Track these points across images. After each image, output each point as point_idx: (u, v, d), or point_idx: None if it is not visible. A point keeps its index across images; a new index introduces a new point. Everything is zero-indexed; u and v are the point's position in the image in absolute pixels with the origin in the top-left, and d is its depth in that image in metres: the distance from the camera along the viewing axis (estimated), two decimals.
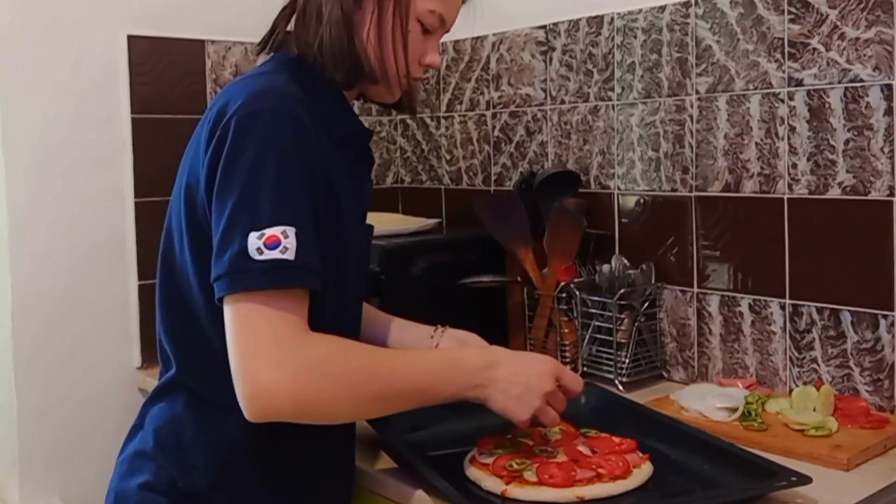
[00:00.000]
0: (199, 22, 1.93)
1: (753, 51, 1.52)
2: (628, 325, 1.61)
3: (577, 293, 1.66)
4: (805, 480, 1.06)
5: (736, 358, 1.58)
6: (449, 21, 1.18)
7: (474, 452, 1.20)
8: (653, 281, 1.66)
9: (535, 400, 1.10)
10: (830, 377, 1.45)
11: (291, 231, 0.97)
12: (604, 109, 1.78)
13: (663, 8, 1.65)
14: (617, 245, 1.76)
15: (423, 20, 1.14)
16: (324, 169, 1.06)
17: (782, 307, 1.51)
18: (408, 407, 1.08)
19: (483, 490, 1.12)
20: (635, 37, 1.71)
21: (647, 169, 1.70)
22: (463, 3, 1.20)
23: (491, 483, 1.12)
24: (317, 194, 1.03)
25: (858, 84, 1.39)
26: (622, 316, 1.61)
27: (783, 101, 1.49)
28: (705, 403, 1.40)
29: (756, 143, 1.53)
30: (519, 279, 1.78)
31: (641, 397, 1.48)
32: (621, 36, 1.73)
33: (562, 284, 1.69)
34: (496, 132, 2.02)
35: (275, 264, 0.96)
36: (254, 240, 0.96)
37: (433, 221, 1.98)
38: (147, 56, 1.86)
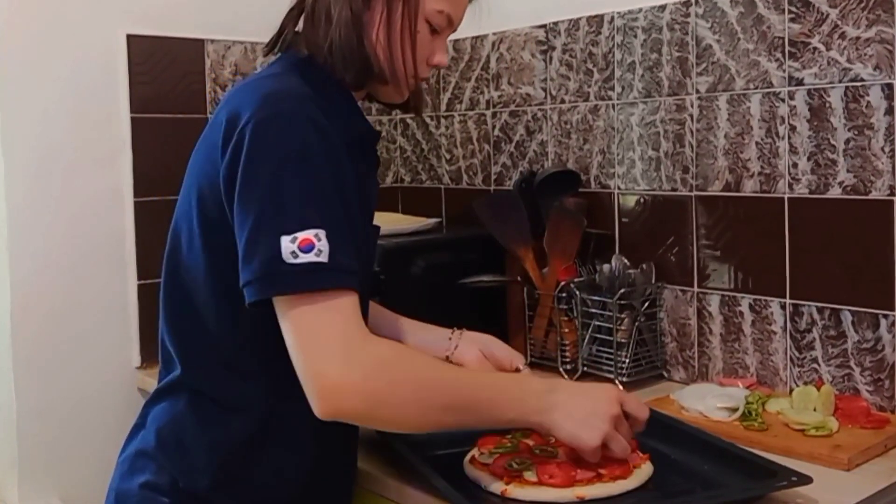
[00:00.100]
0: (199, 21, 1.93)
1: (754, 50, 1.52)
2: (628, 325, 1.61)
3: (578, 293, 1.65)
4: (805, 480, 1.06)
5: (736, 358, 1.57)
6: (456, 21, 1.18)
7: (474, 452, 1.20)
8: (653, 281, 1.66)
9: (603, 424, 1.06)
10: (831, 377, 1.45)
11: (323, 234, 0.97)
12: (604, 109, 1.77)
13: (663, 7, 1.65)
14: (617, 245, 1.76)
15: (432, 20, 1.14)
16: (342, 168, 1.05)
17: (783, 307, 1.50)
18: (470, 423, 1.06)
19: (483, 490, 1.12)
20: (635, 36, 1.70)
21: (648, 168, 1.70)
22: (469, 3, 1.20)
23: (491, 483, 1.12)
24: (342, 194, 1.03)
25: (859, 83, 1.39)
26: (622, 316, 1.61)
27: (784, 101, 1.49)
28: (705, 403, 1.40)
29: (756, 143, 1.53)
30: (519, 279, 1.77)
31: (642, 397, 1.47)
32: (621, 35, 1.73)
33: (562, 284, 1.69)
34: (496, 131, 2.02)
35: (311, 267, 0.96)
36: (287, 244, 0.96)
37: (433, 221, 1.98)
38: (146, 55, 1.86)
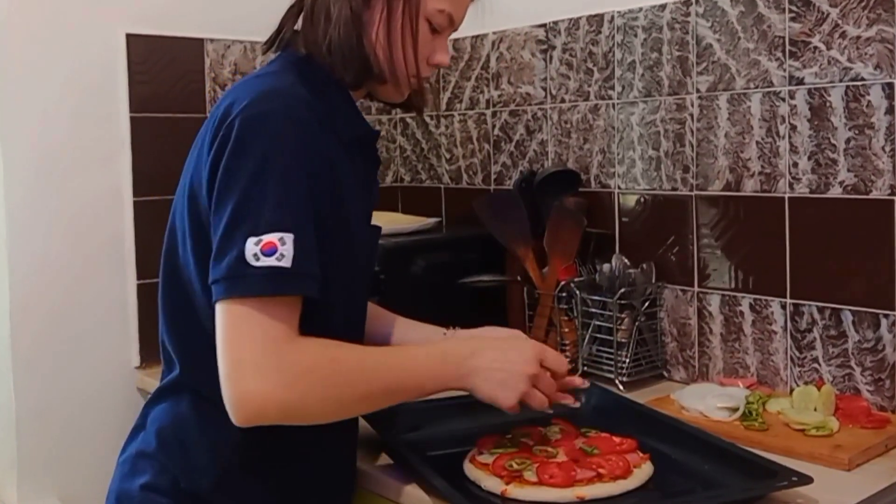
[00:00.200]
0: (198, 20, 1.93)
1: (754, 49, 1.52)
2: (629, 325, 1.61)
3: (578, 292, 1.65)
4: (806, 480, 1.06)
5: (737, 357, 1.57)
6: (458, 20, 1.17)
7: (474, 452, 1.20)
8: (653, 280, 1.66)
9: (521, 384, 1.10)
10: (831, 377, 1.44)
11: (289, 238, 0.97)
12: (604, 108, 1.77)
13: (664, 6, 1.65)
14: (617, 244, 1.75)
15: (433, 19, 1.13)
16: (331, 171, 1.05)
17: (783, 306, 1.50)
18: (395, 402, 1.09)
19: (483, 490, 1.12)
20: (636, 35, 1.70)
21: (648, 168, 1.70)
22: (471, 2, 1.19)
23: (491, 483, 1.12)
24: (321, 198, 1.02)
25: (859, 83, 1.39)
26: (622, 315, 1.61)
27: (784, 100, 1.48)
28: (706, 403, 1.40)
29: (757, 142, 1.52)
30: (519, 278, 1.77)
31: (642, 397, 1.47)
32: (622, 34, 1.73)
33: (562, 284, 1.68)
34: (496, 131, 2.02)
35: (271, 271, 0.96)
36: (251, 245, 0.96)
37: (433, 220, 1.98)
38: (146, 55, 1.85)
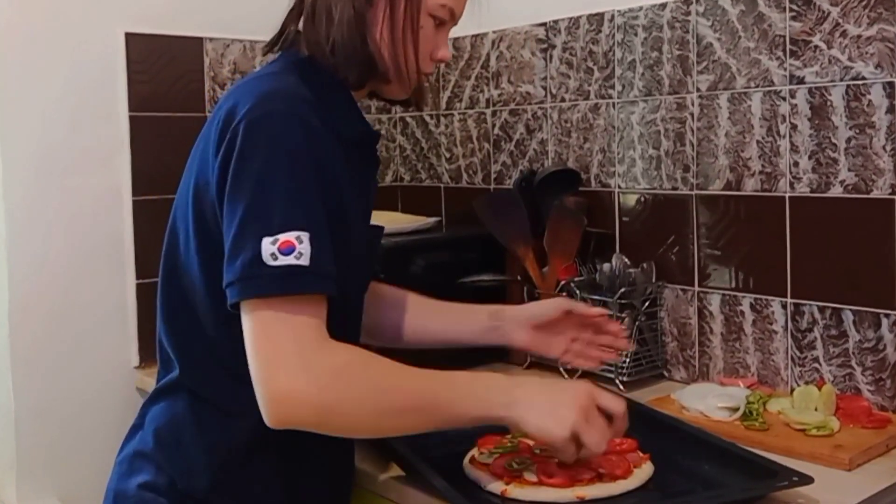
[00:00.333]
0: (198, 19, 1.92)
1: (755, 48, 1.51)
2: (629, 325, 1.61)
3: (578, 292, 1.65)
4: (807, 480, 1.06)
5: (737, 357, 1.57)
6: (458, 13, 1.17)
7: (474, 452, 1.20)
8: (653, 280, 1.65)
9: (571, 413, 1.02)
10: (832, 376, 1.44)
11: (305, 236, 0.96)
12: (604, 107, 1.77)
13: (664, 5, 1.65)
14: (617, 244, 1.75)
15: (436, 14, 1.13)
16: (332, 171, 1.05)
17: (784, 306, 1.50)
18: (430, 426, 1.03)
19: (483, 490, 1.11)
20: (636, 34, 1.70)
21: (648, 167, 1.70)
22: None
23: (491, 483, 1.11)
24: (327, 197, 1.02)
25: (860, 82, 1.39)
26: (623, 315, 1.61)
27: (785, 99, 1.48)
28: (706, 403, 1.40)
29: (757, 142, 1.52)
30: (519, 278, 1.77)
31: (642, 397, 1.47)
32: (622, 33, 1.73)
33: (562, 283, 1.68)
34: (496, 130, 2.01)
35: (290, 270, 0.95)
36: (267, 245, 0.95)
37: (433, 220, 1.97)
38: (145, 54, 1.85)
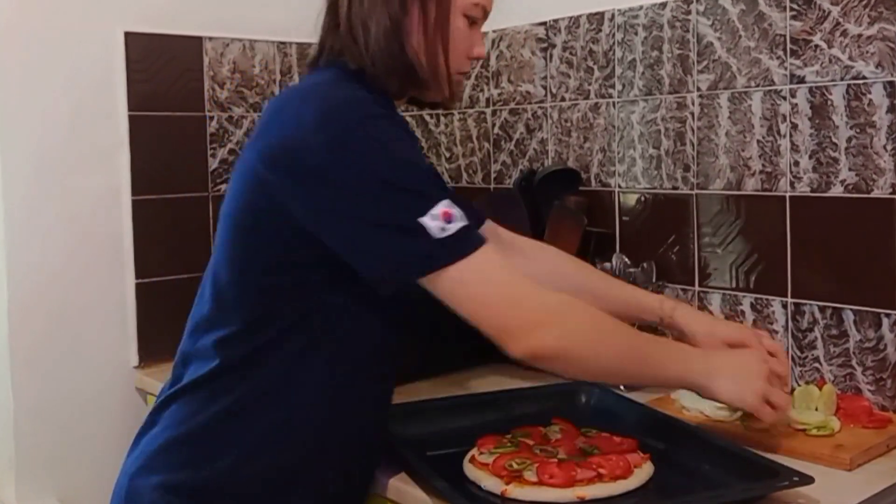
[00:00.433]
0: (197, 18, 1.92)
1: (755, 48, 1.51)
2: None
3: None
4: (807, 480, 1.05)
5: None
6: (489, 9, 1.18)
7: (474, 452, 1.20)
8: (654, 279, 1.65)
9: (759, 380, 1.13)
10: (833, 376, 1.44)
11: (448, 202, 1.00)
12: (604, 107, 1.77)
13: (664, 4, 1.64)
14: (618, 243, 1.75)
15: (468, 13, 1.14)
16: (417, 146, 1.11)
17: (784, 306, 1.50)
18: (637, 376, 1.15)
19: (483, 490, 1.11)
20: (636, 33, 1.70)
21: (648, 167, 1.69)
22: None
23: (491, 483, 1.11)
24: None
25: (861, 81, 1.38)
26: None
27: (785, 99, 1.48)
28: (706, 403, 1.39)
29: (758, 141, 1.52)
30: None
31: (642, 397, 1.47)
32: (622, 33, 1.72)
33: None
34: (496, 130, 2.01)
35: (462, 233, 1.00)
36: (430, 222, 0.98)
37: None
38: (144, 53, 1.85)
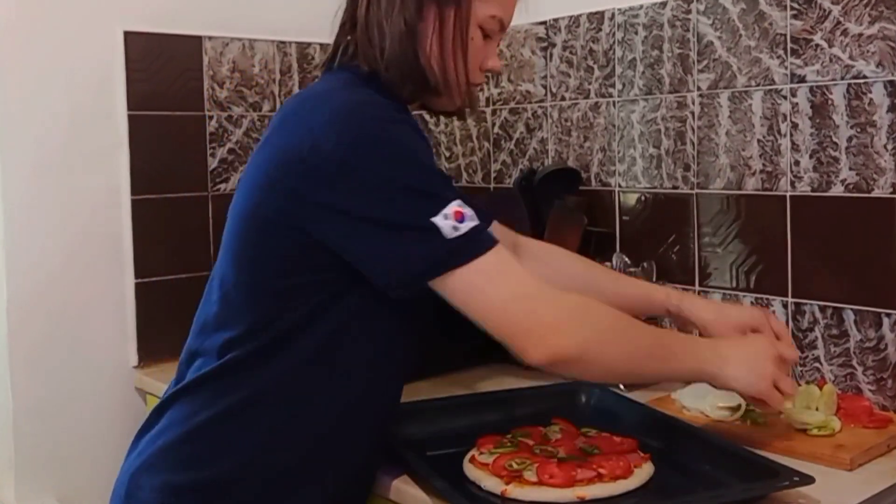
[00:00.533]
0: (197, 18, 1.92)
1: (755, 47, 1.51)
2: None
3: None
4: (808, 480, 1.05)
5: None
6: (507, 23, 1.17)
7: (474, 452, 1.19)
8: (654, 279, 1.65)
9: (769, 365, 1.13)
10: (833, 376, 1.44)
11: (459, 202, 1.00)
12: (605, 106, 1.76)
13: (664, 4, 1.64)
14: (618, 243, 1.75)
15: (485, 26, 1.14)
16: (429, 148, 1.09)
17: (784, 305, 1.49)
18: (655, 373, 1.13)
19: (483, 490, 1.11)
20: (636, 33, 1.69)
21: (649, 166, 1.69)
22: (517, 2, 1.19)
23: (491, 483, 1.11)
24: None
25: (861, 80, 1.38)
26: None
27: (785, 98, 1.48)
28: (707, 402, 1.39)
29: (758, 140, 1.52)
30: None
31: (643, 396, 1.46)
32: (622, 32, 1.72)
33: None
34: (496, 129, 2.01)
35: (474, 233, 0.99)
36: (443, 222, 0.98)
37: None
38: (144, 52, 1.84)
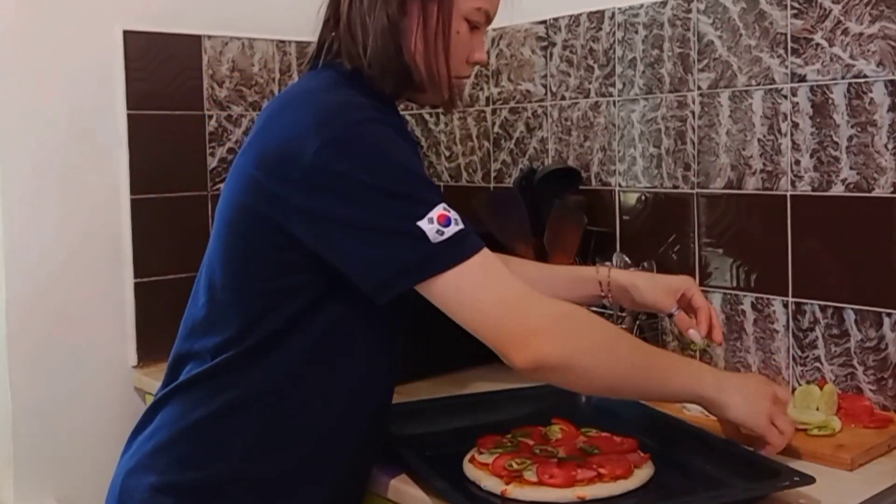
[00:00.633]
0: (196, 17, 1.92)
1: (756, 46, 1.51)
2: (629, 324, 1.60)
3: None
4: (808, 480, 1.05)
5: (738, 356, 1.56)
6: (493, 15, 1.17)
7: (474, 452, 1.19)
8: None
9: (766, 402, 1.12)
10: (834, 376, 1.43)
11: (445, 205, 0.99)
12: (605, 105, 1.76)
13: (665, 3, 1.64)
14: (618, 242, 1.74)
15: (471, 18, 1.13)
16: (414, 151, 1.08)
17: (785, 305, 1.49)
18: (642, 388, 1.09)
19: (483, 490, 1.11)
20: (636, 32, 1.69)
21: (649, 165, 1.69)
22: None
23: (491, 483, 1.11)
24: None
25: (862, 80, 1.38)
26: (624, 314, 1.60)
27: (786, 97, 1.47)
28: None
29: (759, 140, 1.51)
30: None
31: None
32: (622, 31, 1.72)
33: None
34: (496, 128, 2.01)
35: (459, 237, 0.98)
36: (427, 225, 0.97)
37: None
38: (143, 52, 1.84)
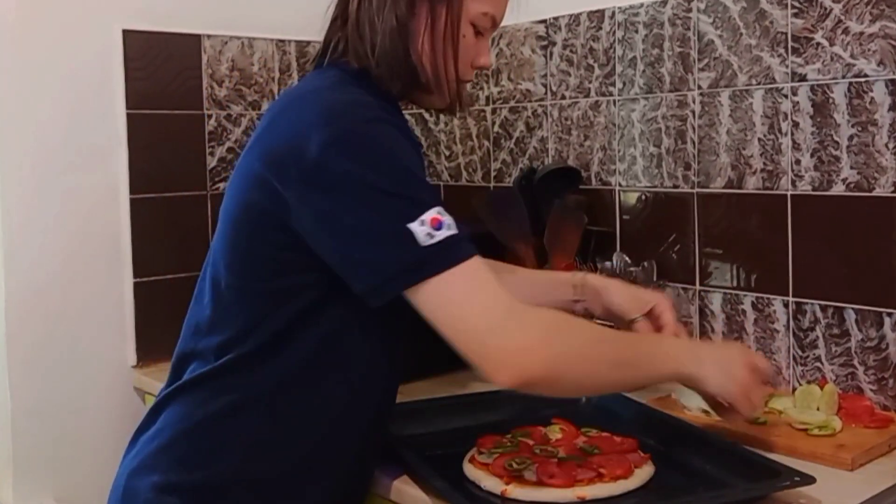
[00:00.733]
0: (196, 16, 1.92)
1: (756, 45, 1.51)
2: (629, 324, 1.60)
3: None
4: (808, 480, 1.05)
5: None
6: (499, 20, 1.17)
7: (474, 452, 1.19)
8: (654, 278, 1.64)
9: (742, 371, 1.10)
10: (834, 376, 1.43)
11: (440, 209, 0.98)
12: (605, 105, 1.76)
13: (665, 2, 1.64)
14: (618, 242, 1.74)
15: (477, 23, 1.13)
16: (418, 154, 1.08)
17: (785, 305, 1.49)
18: (631, 380, 1.09)
19: (483, 490, 1.11)
20: (637, 31, 1.69)
21: (649, 165, 1.69)
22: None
23: (491, 483, 1.11)
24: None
25: (863, 79, 1.38)
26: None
27: (786, 97, 1.47)
28: (708, 402, 1.38)
29: (759, 139, 1.51)
30: None
31: (643, 396, 1.46)
32: (622, 30, 1.72)
33: None
34: (496, 128, 2.00)
35: (450, 242, 0.97)
36: (418, 228, 0.96)
37: None
38: (143, 51, 1.84)
